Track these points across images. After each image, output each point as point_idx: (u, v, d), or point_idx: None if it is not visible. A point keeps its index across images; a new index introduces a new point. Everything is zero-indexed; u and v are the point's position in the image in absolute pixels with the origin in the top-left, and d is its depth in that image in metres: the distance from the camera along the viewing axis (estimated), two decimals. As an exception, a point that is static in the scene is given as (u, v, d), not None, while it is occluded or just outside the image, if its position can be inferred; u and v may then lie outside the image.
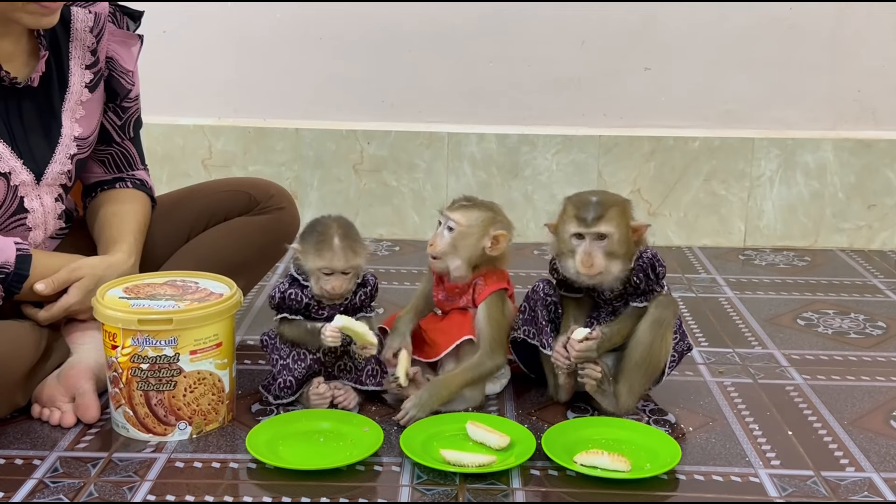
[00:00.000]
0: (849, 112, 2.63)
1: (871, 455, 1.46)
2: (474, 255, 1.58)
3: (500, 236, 1.57)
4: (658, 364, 1.57)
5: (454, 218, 1.57)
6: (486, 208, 1.60)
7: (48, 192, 1.63)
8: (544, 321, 1.59)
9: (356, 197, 2.66)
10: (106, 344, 1.46)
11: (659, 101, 2.63)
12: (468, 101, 2.64)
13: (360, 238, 1.56)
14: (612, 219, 1.51)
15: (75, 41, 1.64)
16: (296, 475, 1.36)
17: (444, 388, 1.55)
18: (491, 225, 1.58)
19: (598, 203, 1.52)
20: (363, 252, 1.55)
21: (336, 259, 1.52)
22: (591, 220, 1.50)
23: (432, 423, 1.50)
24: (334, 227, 1.53)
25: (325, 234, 1.53)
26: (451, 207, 1.60)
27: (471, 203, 1.60)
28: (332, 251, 1.51)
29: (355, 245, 1.53)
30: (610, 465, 1.36)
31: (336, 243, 1.52)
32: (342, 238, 1.52)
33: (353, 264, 1.53)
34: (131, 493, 1.32)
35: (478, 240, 1.57)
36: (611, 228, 1.51)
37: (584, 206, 1.52)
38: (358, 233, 1.57)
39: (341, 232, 1.53)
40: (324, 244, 1.52)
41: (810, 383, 1.73)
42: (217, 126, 2.64)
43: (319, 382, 1.56)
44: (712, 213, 2.64)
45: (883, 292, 2.28)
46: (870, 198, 2.62)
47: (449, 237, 1.57)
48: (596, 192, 1.57)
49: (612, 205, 1.53)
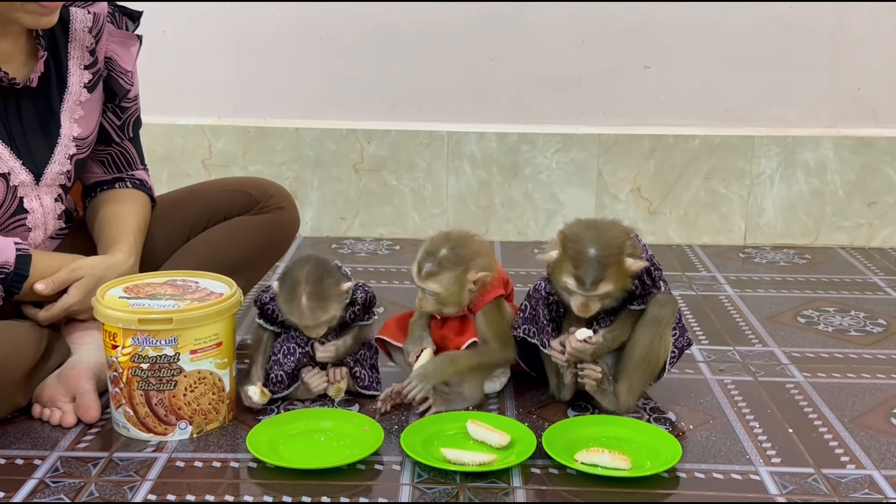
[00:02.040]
0: (849, 110, 2.63)
1: (871, 452, 1.46)
2: (462, 301, 1.57)
3: (479, 279, 1.55)
4: (658, 362, 1.57)
5: (429, 288, 1.54)
6: (453, 264, 1.52)
7: (47, 192, 1.63)
8: (545, 320, 1.59)
9: (356, 196, 2.66)
10: (106, 344, 1.46)
11: (659, 100, 2.63)
12: (468, 100, 2.64)
13: (333, 287, 1.53)
14: (610, 278, 1.47)
15: (74, 41, 1.64)
16: (297, 474, 1.36)
17: (451, 364, 1.55)
18: (466, 275, 1.54)
19: (596, 262, 1.45)
20: (334, 304, 1.53)
21: (304, 318, 1.53)
22: (590, 286, 1.46)
23: (433, 422, 1.50)
24: (302, 285, 1.51)
25: (294, 291, 1.51)
26: (421, 276, 1.53)
27: (438, 266, 1.52)
28: (300, 311, 1.52)
29: (323, 303, 1.52)
30: (610, 464, 1.36)
31: (303, 304, 1.51)
32: (309, 298, 1.51)
33: (323, 320, 1.53)
34: (132, 492, 1.32)
35: (459, 293, 1.55)
36: (609, 287, 1.47)
37: (581, 265, 1.46)
38: (332, 280, 1.53)
39: (309, 290, 1.51)
40: (292, 303, 1.52)
41: (811, 381, 1.73)
42: (217, 126, 2.64)
43: (310, 369, 1.59)
44: (712, 211, 2.64)
45: (883, 290, 2.28)
46: (870, 195, 2.62)
47: (433, 300, 1.55)
48: (596, 239, 1.47)
49: (610, 264, 1.46)
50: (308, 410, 1.55)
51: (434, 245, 1.55)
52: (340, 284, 1.55)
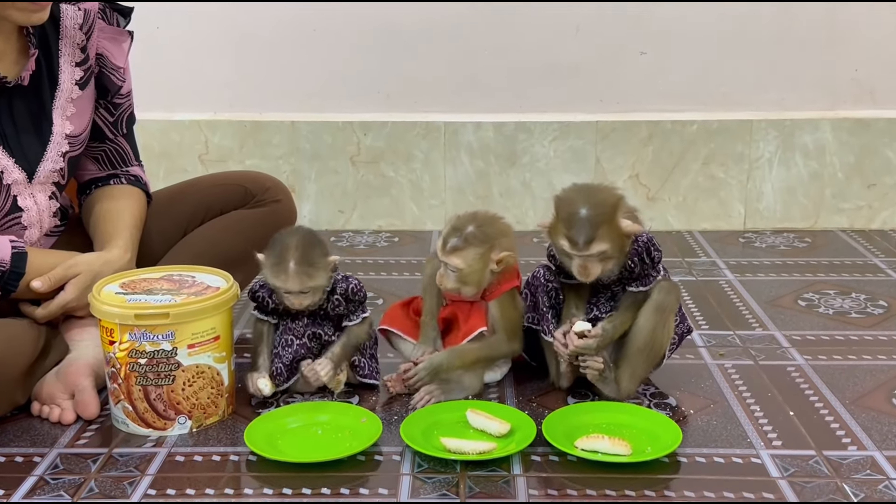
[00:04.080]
0: (847, 92, 2.62)
1: (872, 433, 1.46)
2: (483, 280, 1.56)
3: (503, 258, 1.55)
4: (660, 349, 1.57)
5: (451, 263, 1.53)
6: (479, 241, 1.52)
7: (41, 190, 1.62)
8: (545, 307, 1.59)
9: (354, 189, 2.65)
10: (103, 340, 1.46)
11: (655, 86, 2.62)
12: (464, 90, 2.63)
13: (321, 257, 1.53)
14: (603, 237, 1.47)
15: (65, 38, 1.63)
16: (297, 467, 1.36)
17: (459, 357, 1.56)
18: (491, 253, 1.54)
19: (587, 222, 1.46)
20: (321, 273, 1.52)
21: (290, 282, 1.51)
22: (583, 245, 1.47)
23: (432, 412, 1.50)
24: (292, 250, 1.51)
25: (282, 255, 1.51)
26: (445, 251, 1.52)
27: (464, 242, 1.52)
28: (286, 274, 1.51)
29: (311, 269, 1.51)
30: (611, 450, 1.36)
31: (291, 267, 1.50)
32: (297, 262, 1.50)
33: (309, 286, 1.52)
34: (132, 488, 1.32)
35: (482, 271, 1.54)
36: (603, 246, 1.47)
37: (573, 225, 1.47)
38: (320, 250, 1.53)
39: (298, 255, 1.51)
40: (279, 266, 1.51)
41: (811, 363, 1.72)
42: (213, 121, 2.63)
43: (309, 362, 1.58)
44: (711, 196, 2.63)
45: (884, 271, 2.27)
46: (869, 177, 2.61)
47: (454, 276, 1.54)
48: (586, 200, 1.49)
49: (602, 222, 1.47)
50: (305, 404, 1.55)
51: (461, 222, 1.55)
52: (328, 256, 1.55)
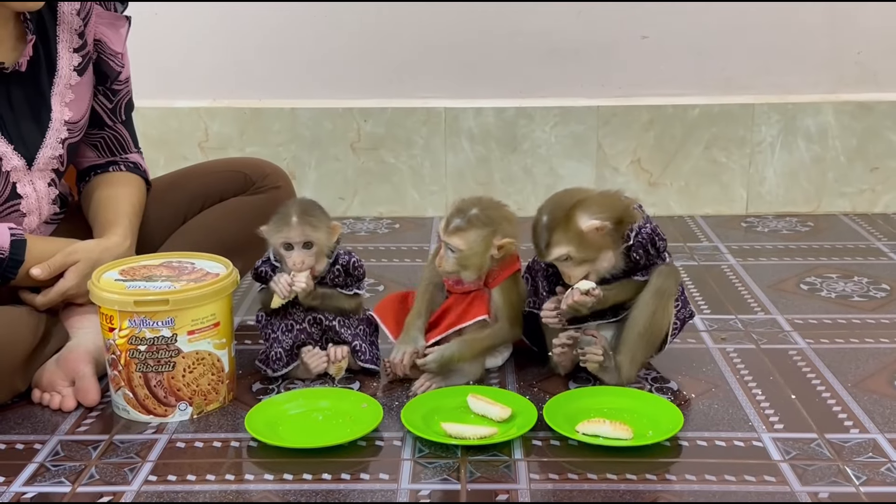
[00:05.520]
0: (849, 75, 2.61)
1: (875, 416, 1.45)
2: (483, 265, 1.55)
3: (505, 244, 1.54)
4: (660, 334, 1.56)
5: (452, 244, 1.52)
6: (482, 224, 1.51)
7: (40, 177, 1.62)
8: (545, 292, 1.59)
9: (354, 176, 2.65)
10: (103, 326, 1.46)
11: (657, 70, 2.61)
12: (464, 75, 2.62)
13: (324, 216, 1.57)
14: (560, 241, 1.47)
15: (62, 24, 1.62)
16: (298, 453, 1.36)
17: (468, 348, 1.55)
18: (493, 237, 1.53)
19: (544, 228, 1.48)
20: (323, 227, 1.55)
21: (292, 232, 1.53)
22: (544, 250, 1.49)
23: (433, 397, 1.50)
24: (295, 206, 1.56)
25: (285, 212, 1.55)
26: (447, 230, 1.52)
27: (467, 223, 1.51)
28: (288, 226, 1.53)
29: (313, 220, 1.55)
30: (612, 434, 1.36)
31: (293, 219, 1.54)
32: (300, 214, 1.54)
33: (311, 237, 1.54)
34: (133, 474, 1.31)
35: (483, 255, 1.54)
36: (562, 250, 1.47)
37: (534, 234, 1.50)
38: (322, 212, 1.58)
39: (300, 209, 1.55)
40: (282, 220, 1.55)
41: (814, 347, 1.72)
42: (212, 108, 2.62)
43: (310, 348, 1.59)
44: (713, 181, 2.62)
45: (887, 255, 2.27)
46: (872, 161, 2.59)
47: (454, 258, 1.54)
48: (548, 206, 1.50)
49: (555, 227, 1.47)
50: (305, 390, 1.55)
51: (465, 204, 1.54)
52: (331, 220, 1.58)
